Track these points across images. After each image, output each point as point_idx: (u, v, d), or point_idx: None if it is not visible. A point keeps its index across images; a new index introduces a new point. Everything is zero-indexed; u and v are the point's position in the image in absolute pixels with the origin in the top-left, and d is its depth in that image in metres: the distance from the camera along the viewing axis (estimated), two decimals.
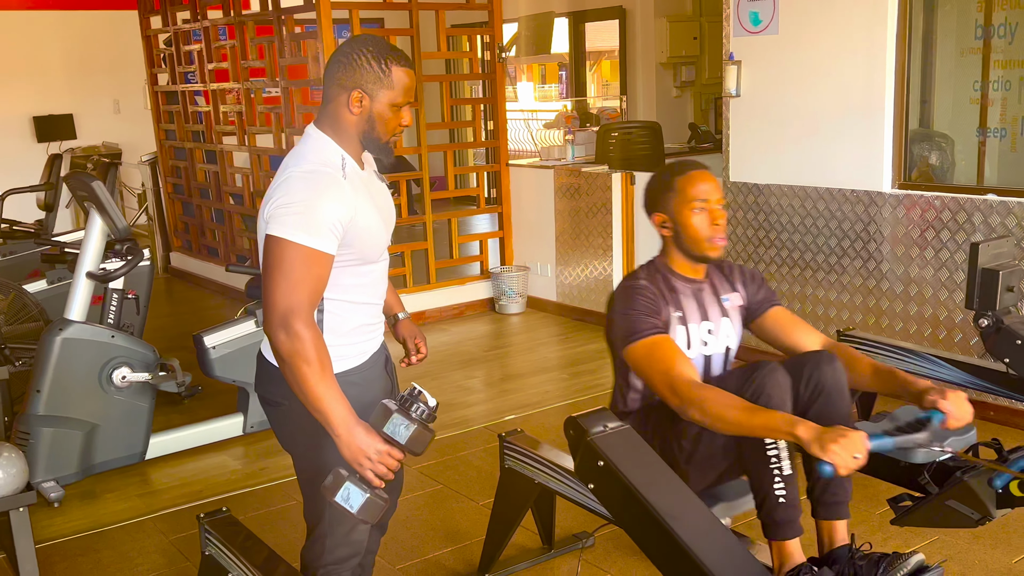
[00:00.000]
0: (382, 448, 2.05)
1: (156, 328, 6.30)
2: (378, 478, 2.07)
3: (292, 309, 2.06)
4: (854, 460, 2.06)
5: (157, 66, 8.12)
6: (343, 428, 2.06)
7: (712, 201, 2.55)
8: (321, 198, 2.10)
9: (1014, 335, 2.76)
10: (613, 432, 1.99)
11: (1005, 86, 4.43)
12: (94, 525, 3.73)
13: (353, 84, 2.17)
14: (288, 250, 2.07)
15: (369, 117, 2.20)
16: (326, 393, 2.07)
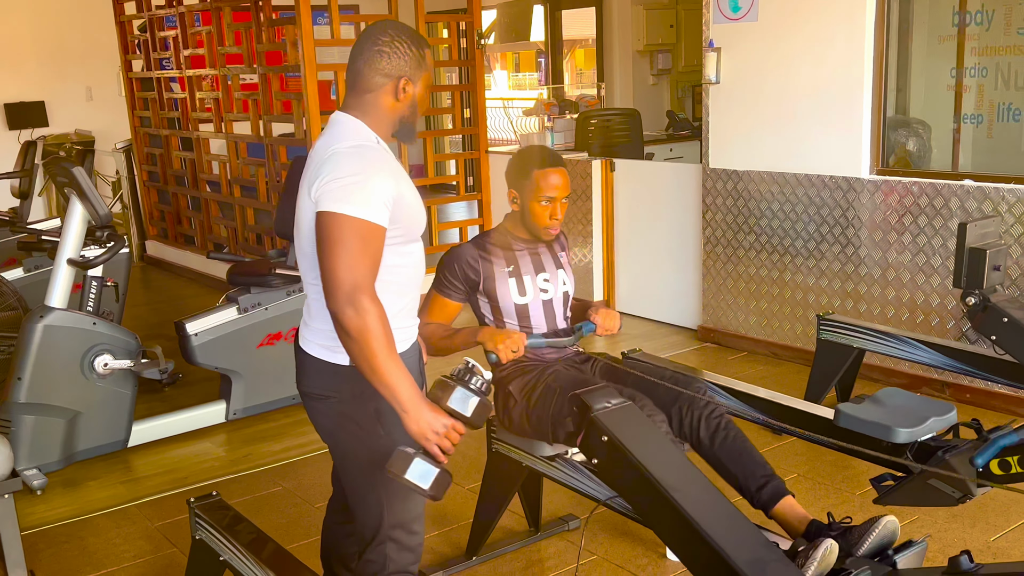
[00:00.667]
0: (448, 422, 2.04)
1: (134, 316, 6.26)
2: (442, 452, 2.05)
3: (358, 284, 2.02)
4: (511, 352, 2.65)
5: (131, 52, 8.04)
6: (411, 403, 2.03)
7: (558, 198, 2.88)
8: (372, 171, 2.09)
9: (1001, 313, 2.82)
10: (616, 408, 2.02)
11: (981, 73, 4.49)
12: (78, 512, 3.72)
13: (399, 72, 2.18)
14: (345, 224, 2.04)
15: (412, 103, 2.22)
16: (394, 368, 2.03)
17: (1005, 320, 2.82)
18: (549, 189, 2.86)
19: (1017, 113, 4.43)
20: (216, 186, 7.31)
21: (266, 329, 4.52)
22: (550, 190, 2.86)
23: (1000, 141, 4.54)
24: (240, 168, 6.90)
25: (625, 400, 2.05)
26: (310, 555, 3.19)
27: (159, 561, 3.32)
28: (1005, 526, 3.32)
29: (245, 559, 2.46)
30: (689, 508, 1.78)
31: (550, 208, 2.88)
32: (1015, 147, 4.52)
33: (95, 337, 4.04)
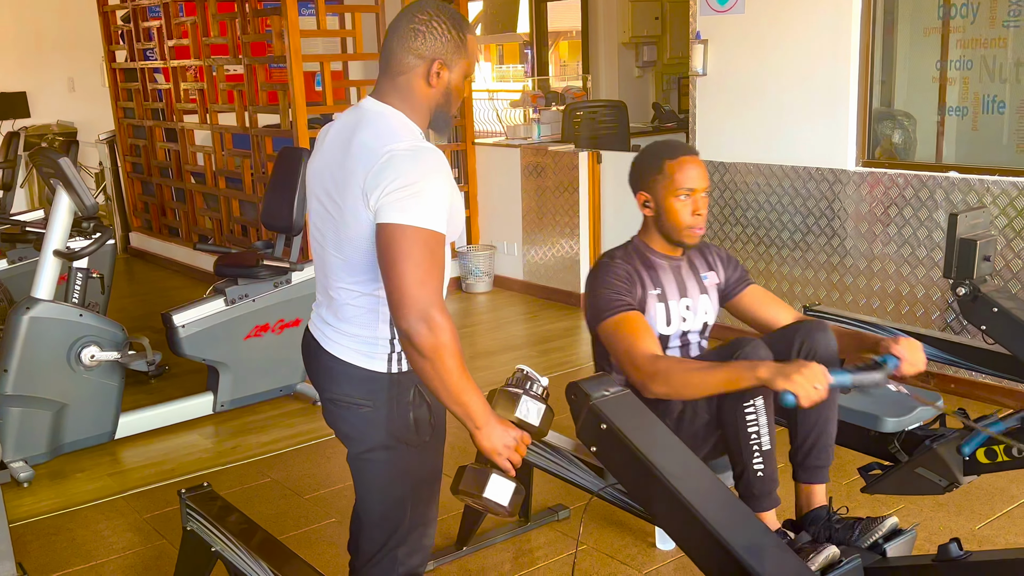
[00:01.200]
0: (517, 435, 1.96)
1: (119, 308, 6.23)
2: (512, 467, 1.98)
3: (430, 300, 1.88)
4: (815, 391, 2.09)
5: (115, 43, 7.99)
6: (483, 419, 1.93)
7: (698, 191, 2.54)
8: (432, 176, 1.94)
9: (991, 303, 2.84)
10: (614, 396, 2.03)
11: (967, 65, 4.52)
12: (65, 505, 3.70)
13: (433, 54, 2.01)
14: (413, 237, 1.89)
15: (446, 90, 2.05)
16: (467, 386, 1.92)
17: (995, 310, 2.84)
18: (687, 180, 2.52)
19: (1002, 105, 4.46)
20: (201, 177, 7.28)
21: (253, 321, 4.51)
22: (688, 181, 2.52)
23: (985, 133, 4.57)
24: (225, 159, 6.87)
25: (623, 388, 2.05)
26: (300, 546, 3.21)
27: (148, 552, 3.32)
28: (990, 514, 3.35)
29: (238, 550, 2.46)
30: (688, 495, 1.79)
31: (691, 202, 2.53)
32: (1000, 139, 4.55)
33: (82, 329, 4.02)
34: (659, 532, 3.22)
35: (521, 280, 6.61)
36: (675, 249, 2.67)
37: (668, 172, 2.53)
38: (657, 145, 2.65)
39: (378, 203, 1.92)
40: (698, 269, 2.70)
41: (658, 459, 1.87)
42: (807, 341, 2.47)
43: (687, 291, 2.65)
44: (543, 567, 3.15)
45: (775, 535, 1.93)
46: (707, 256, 2.76)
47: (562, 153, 6.15)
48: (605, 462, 2.04)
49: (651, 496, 1.93)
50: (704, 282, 2.70)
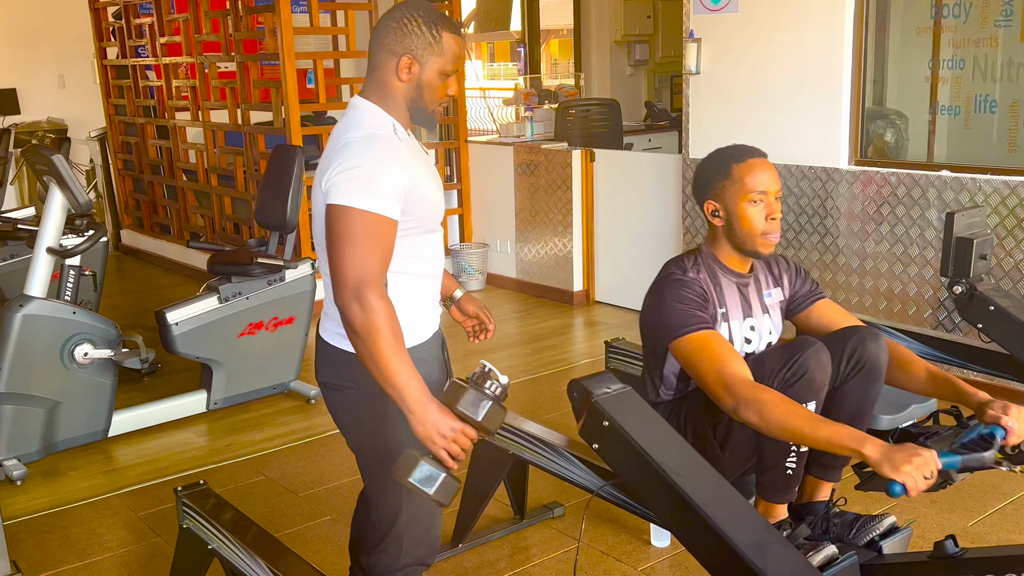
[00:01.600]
0: (456, 426, 1.95)
1: (111, 306, 6.22)
2: (451, 458, 1.97)
3: (364, 279, 1.96)
4: (925, 481, 1.97)
5: (106, 39, 7.96)
6: (418, 404, 1.95)
7: (771, 193, 2.41)
8: (382, 162, 2.03)
9: (987, 301, 2.86)
10: (617, 394, 2.03)
11: (959, 64, 4.54)
12: (59, 503, 3.69)
13: (403, 50, 2.09)
14: (354, 218, 1.99)
15: (418, 84, 2.12)
16: (400, 367, 1.96)
17: (991, 308, 2.87)
18: (758, 183, 2.38)
19: (994, 105, 4.49)
20: (193, 175, 7.26)
21: (247, 318, 4.51)
22: (760, 183, 2.38)
23: (977, 132, 4.60)
24: (217, 157, 6.86)
25: (625, 386, 2.05)
26: (295, 544, 3.21)
27: (143, 550, 3.31)
28: (982, 511, 3.37)
29: (235, 547, 2.45)
30: (691, 491, 1.80)
31: (765, 206, 2.39)
32: (992, 138, 4.58)
33: (75, 326, 4.00)
34: (654, 529, 3.23)
35: (514, 278, 6.62)
36: (744, 263, 2.54)
37: (737, 176, 2.41)
38: (722, 150, 2.52)
39: (327, 185, 2.03)
40: (762, 287, 2.58)
41: (660, 456, 1.88)
42: (859, 349, 2.39)
43: (751, 311, 2.54)
44: (539, 564, 3.15)
45: (778, 532, 1.94)
46: (773, 270, 2.63)
47: (555, 151, 6.16)
48: (607, 459, 2.04)
49: (653, 493, 1.94)
50: (767, 301, 2.58)
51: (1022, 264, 4.13)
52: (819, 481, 2.52)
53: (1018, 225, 4.11)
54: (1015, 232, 4.12)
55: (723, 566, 1.79)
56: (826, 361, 2.31)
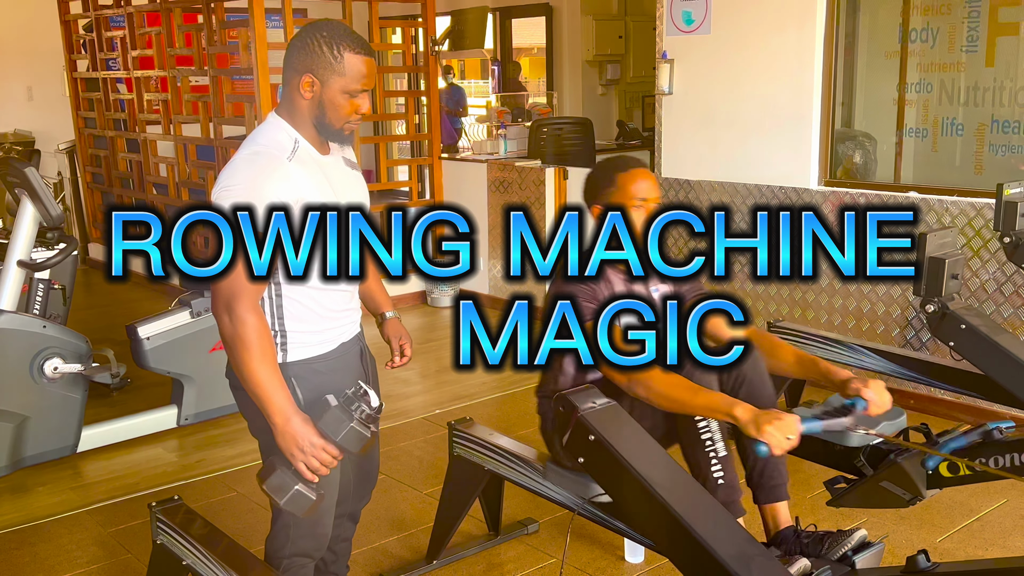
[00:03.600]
0: (316, 442, 2.05)
1: (78, 320, 6.13)
2: (311, 472, 2.06)
3: (234, 293, 2.06)
4: (787, 441, 2.16)
5: (76, 52, 7.90)
6: (280, 416, 2.06)
7: (650, 200, 2.64)
8: (263, 180, 2.08)
9: (959, 320, 2.92)
10: (602, 408, 2.05)
11: (927, 88, 4.63)
12: (27, 519, 3.64)
13: (304, 68, 2.17)
14: None
15: (320, 102, 2.19)
16: (265, 380, 2.07)
17: (963, 327, 2.92)
18: (639, 191, 2.62)
19: (960, 128, 4.58)
20: (163, 189, 7.21)
21: (219, 334, 4.47)
22: (640, 192, 2.62)
23: (944, 155, 4.69)
24: (189, 171, 6.82)
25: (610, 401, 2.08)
26: None
27: (114, 567, 3.27)
28: (950, 527, 3.42)
29: (210, 563, 2.44)
30: (676, 505, 1.82)
31: (645, 211, 2.62)
32: (959, 161, 4.67)
33: (45, 340, 3.96)
34: (628, 545, 3.25)
35: (486, 295, 6.63)
36: None
37: (620, 184, 2.64)
38: (608, 161, 2.77)
39: (212, 199, 2.12)
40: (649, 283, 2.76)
41: (646, 470, 1.90)
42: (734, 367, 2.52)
43: None
44: None
45: (761, 545, 1.96)
46: None
47: (528, 169, 6.19)
48: (592, 474, 2.06)
49: (638, 507, 1.96)
50: (654, 294, 2.77)
51: (987, 284, 4.21)
52: (773, 507, 2.59)
53: (984, 246, 4.19)
54: (981, 253, 4.20)
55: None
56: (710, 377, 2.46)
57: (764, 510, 2.62)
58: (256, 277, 2.07)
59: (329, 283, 2.30)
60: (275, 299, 2.24)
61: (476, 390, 5.00)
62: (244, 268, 2.04)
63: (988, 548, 3.28)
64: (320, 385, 2.23)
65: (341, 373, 2.33)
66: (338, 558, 2.72)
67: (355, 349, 2.42)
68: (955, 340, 2.95)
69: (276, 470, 2.04)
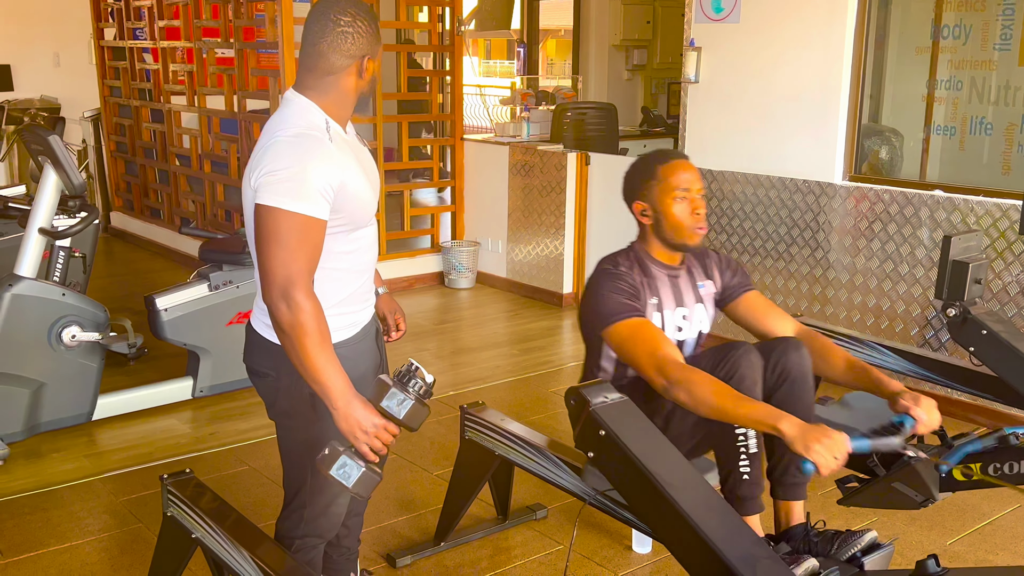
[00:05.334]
0: (379, 422, 2.03)
1: (98, 288, 6.18)
2: (372, 452, 2.05)
3: (292, 279, 2.02)
4: (835, 461, 2.10)
5: (104, 20, 7.92)
6: (342, 401, 2.04)
7: (693, 191, 2.57)
8: (310, 162, 2.06)
9: (980, 325, 2.89)
10: (614, 403, 2.04)
11: (956, 85, 4.57)
12: (41, 484, 3.68)
13: (362, 53, 2.16)
14: (281, 219, 2.03)
15: (372, 78, 2.21)
16: (326, 366, 2.04)
17: (984, 332, 2.89)
18: (682, 181, 2.56)
19: (989, 127, 4.52)
20: (186, 160, 7.24)
21: (237, 307, 4.50)
22: (683, 182, 2.56)
23: (971, 153, 4.63)
24: (212, 143, 6.83)
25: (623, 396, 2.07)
26: None
27: (124, 536, 3.30)
28: (961, 530, 3.40)
29: (219, 537, 2.45)
30: (684, 503, 1.81)
31: (688, 203, 2.56)
32: (986, 160, 4.61)
33: (64, 308, 3.99)
34: (636, 535, 3.25)
35: (504, 278, 6.62)
36: (674, 257, 2.68)
37: (662, 176, 2.58)
38: (647, 155, 2.70)
39: (256, 184, 2.06)
40: (695, 278, 2.72)
41: (655, 468, 1.89)
42: (782, 359, 2.51)
43: (683, 301, 2.67)
44: (520, 566, 3.16)
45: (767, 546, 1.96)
46: (706, 264, 2.76)
47: (551, 153, 6.17)
48: (602, 468, 2.05)
49: (647, 504, 1.95)
50: (700, 291, 2.71)
51: (1010, 286, 4.16)
52: (789, 504, 2.57)
53: (1008, 248, 4.14)
54: (1004, 255, 4.16)
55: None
56: (756, 361, 2.42)
57: (779, 505, 2.60)
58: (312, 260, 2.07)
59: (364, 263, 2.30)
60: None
61: (490, 373, 5.00)
62: (300, 251, 2.03)
63: (998, 553, 3.26)
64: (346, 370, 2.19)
65: (364, 357, 2.33)
66: (350, 532, 2.72)
67: (372, 330, 2.43)
68: (975, 346, 2.92)
69: (340, 455, 2.02)
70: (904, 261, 4.48)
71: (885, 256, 4.55)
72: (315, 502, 2.34)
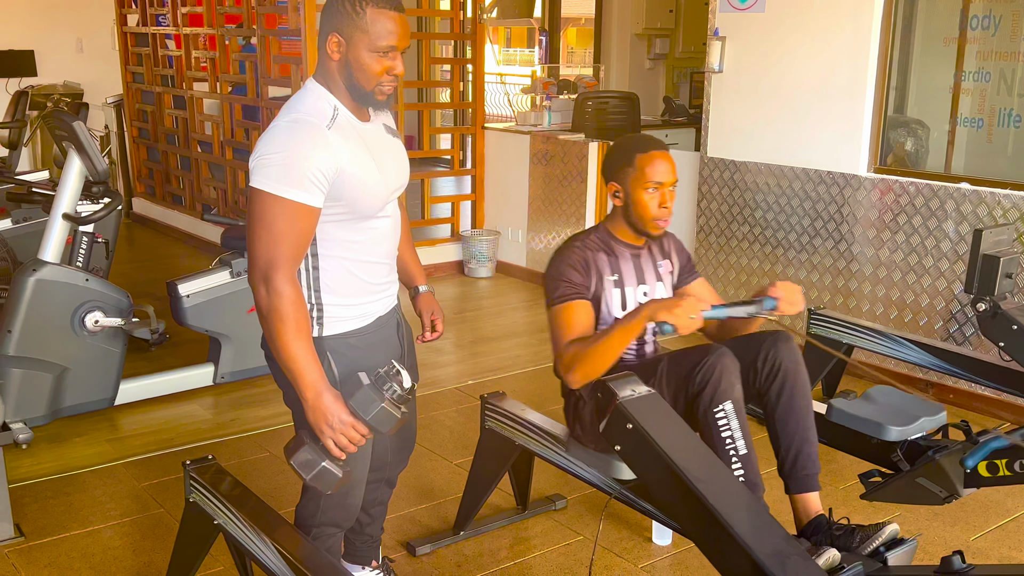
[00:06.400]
0: (346, 419, 2.03)
1: (120, 274, 6.21)
2: (338, 449, 2.05)
3: (273, 264, 2.02)
4: (691, 320, 2.29)
5: (127, 6, 7.94)
6: (311, 392, 2.04)
7: (666, 184, 2.66)
8: (302, 148, 2.04)
9: (1010, 320, 2.86)
10: (641, 397, 2.03)
11: (984, 77, 4.51)
12: (64, 468, 3.70)
13: (331, 27, 2.11)
14: (269, 203, 2.03)
15: (347, 63, 2.12)
16: (298, 354, 2.04)
17: (1014, 328, 2.86)
18: (656, 174, 2.63)
19: (1018, 120, 4.46)
20: (208, 146, 7.25)
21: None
22: (657, 175, 2.63)
23: (999, 146, 4.58)
24: (233, 129, 6.85)
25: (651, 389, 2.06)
26: None
27: (146, 521, 3.32)
28: (984, 527, 3.37)
29: (241, 524, 2.46)
30: (712, 499, 1.80)
31: (658, 196, 2.65)
32: (1014, 153, 4.55)
33: (87, 293, 4.01)
34: (656, 527, 3.24)
35: (524, 267, 6.61)
36: (639, 239, 2.76)
37: (638, 165, 2.64)
38: (629, 139, 2.76)
39: (250, 167, 2.07)
40: (655, 258, 2.81)
41: (683, 462, 1.88)
42: (771, 354, 2.55)
43: (645, 279, 2.76)
44: (539, 556, 3.16)
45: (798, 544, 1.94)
46: (664, 245, 2.86)
47: (572, 142, 6.14)
48: (629, 462, 2.04)
49: (674, 498, 1.94)
50: (660, 270, 2.80)
51: None
52: (804, 497, 2.56)
53: None
54: None
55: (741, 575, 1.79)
56: (731, 364, 2.45)
57: (795, 500, 2.59)
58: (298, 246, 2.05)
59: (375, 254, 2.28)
60: (312, 271, 2.21)
61: (510, 363, 4.99)
62: (285, 237, 2.03)
63: (1023, 549, 3.23)
64: (356, 360, 2.21)
65: (378, 348, 2.31)
66: (374, 520, 2.73)
67: (392, 322, 2.40)
68: (1005, 340, 2.89)
69: (304, 445, 2.04)
70: (929, 254, 4.44)
71: (910, 249, 4.51)
72: (333, 493, 2.32)
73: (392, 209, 2.32)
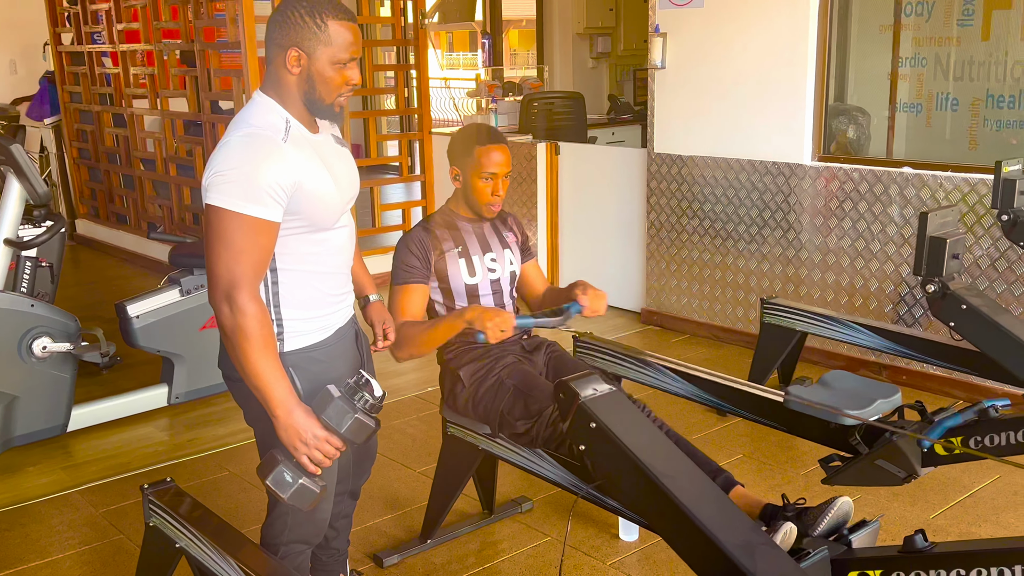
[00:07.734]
0: (320, 434, 2.01)
1: (66, 298, 6.08)
2: (314, 464, 2.03)
3: (235, 282, 1.99)
4: (501, 332, 2.54)
5: (61, 25, 7.79)
6: (281, 409, 2.01)
7: (500, 174, 2.89)
8: (260, 163, 2.01)
9: (959, 300, 2.91)
10: (603, 395, 2.03)
11: (921, 62, 4.60)
12: (17, 499, 3.62)
13: (289, 43, 2.08)
14: (228, 220, 1.99)
15: (309, 77, 2.10)
16: (266, 371, 2.01)
17: (963, 307, 2.91)
18: (491, 165, 2.86)
19: (955, 103, 4.55)
20: (151, 164, 7.14)
21: (209, 311, 4.42)
22: (492, 166, 2.86)
23: (938, 130, 4.67)
24: (176, 146, 6.75)
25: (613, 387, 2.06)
26: None
27: (106, 548, 3.26)
28: (943, 504, 3.43)
29: (204, 545, 2.42)
30: (679, 493, 1.81)
31: (492, 184, 2.89)
32: (952, 136, 4.65)
33: (33, 319, 3.92)
34: (622, 523, 3.25)
35: None
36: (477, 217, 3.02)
37: (476, 156, 2.87)
38: (472, 128, 2.97)
39: (206, 184, 2.03)
40: (500, 228, 3.06)
41: (648, 458, 1.88)
42: None
43: (490, 247, 3.00)
44: (508, 559, 3.15)
45: (766, 534, 1.96)
46: (507, 220, 3.12)
47: (520, 144, 6.15)
48: (594, 461, 2.04)
49: (640, 495, 1.94)
50: (507, 239, 3.05)
51: (981, 260, 4.20)
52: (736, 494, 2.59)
53: (978, 222, 4.18)
54: (975, 229, 4.19)
55: (711, 567, 1.80)
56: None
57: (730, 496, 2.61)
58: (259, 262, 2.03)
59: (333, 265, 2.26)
60: (271, 286, 2.18)
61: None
62: (246, 254, 2.00)
63: (981, 524, 3.29)
64: (319, 374, 2.19)
65: (339, 360, 2.29)
66: (339, 534, 2.71)
67: (350, 333, 2.38)
68: (955, 320, 2.94)
69: (278, 465, 2.00)
70: (875, 239, 4.51)
71: (856, 235, 4.58)
72: (298, 509, 2.28)
73: (347, 219, 2.31)
